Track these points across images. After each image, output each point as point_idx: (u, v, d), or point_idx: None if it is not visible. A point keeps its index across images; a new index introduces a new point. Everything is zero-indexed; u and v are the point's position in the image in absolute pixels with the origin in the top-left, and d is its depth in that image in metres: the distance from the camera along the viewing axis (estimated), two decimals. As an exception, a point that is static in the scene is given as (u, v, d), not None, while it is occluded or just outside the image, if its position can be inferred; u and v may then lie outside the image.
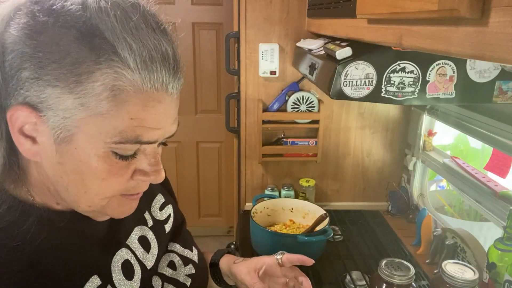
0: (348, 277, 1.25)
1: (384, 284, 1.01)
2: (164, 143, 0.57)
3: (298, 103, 1.66)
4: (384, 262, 1.03)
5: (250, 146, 1.72)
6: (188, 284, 0.72)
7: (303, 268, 1.31)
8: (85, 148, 0.49)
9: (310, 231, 1.33)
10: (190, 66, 2.74)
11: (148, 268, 0.66)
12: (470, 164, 1.37)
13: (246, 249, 1.41)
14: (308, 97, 1.65)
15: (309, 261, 0.82)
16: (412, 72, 0.95)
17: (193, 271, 0.74)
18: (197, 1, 2.61)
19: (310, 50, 1.32)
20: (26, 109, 0.47)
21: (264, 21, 1.58)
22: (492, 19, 0.44)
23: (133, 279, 0.62)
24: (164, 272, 0.70)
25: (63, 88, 0.46)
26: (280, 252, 0.84)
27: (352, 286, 1.21)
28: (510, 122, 1.09)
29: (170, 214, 0.77)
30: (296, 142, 1.70)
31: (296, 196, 1.72)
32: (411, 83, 0.96)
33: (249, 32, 1.59)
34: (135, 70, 0.47)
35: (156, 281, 0.67)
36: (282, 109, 1.67)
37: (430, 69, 0.96)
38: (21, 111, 0.47)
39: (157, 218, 0.73)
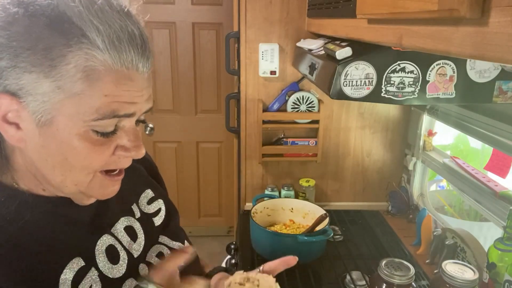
0: (348, 277, 1.25)
1: (384, 284, 1.01)
2: (143, 121, 0.60)
3: (298, 103, 1.66)
4: (384, 262, 1.03)
5: (250, 146, 1.72)
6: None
7: (303, 267, 1.31)
8: (65, 128, 0.51)
9: (310, 231, 1.33)
10: (190, 66, 2.74)
11: (135, 256, 0.69)
12: (470, 164, 1.37)
13: (246, 249, 1.41)
14: (308, 97, 1.65)
15: (293, 260, 0.80)
16: (412, 72, 0.95)
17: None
18: (197, 1, 2.61)
19: (310, 50, 1.32)
20: (7, 97, 0.50)
21: (264, 21, 1.58)
22: (492, 19, 0.44)
23: (119, 264, 0.64)
24: (151, 261, 0.71)
25: (39, 73, 0.49)
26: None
27: (352, 286, 1.21)
28: (510, 122, 1.09)
29: (160, 208, 0.78)
30: (296, 142, 1.70)
31: (296, 196, 1.72)
32: (411, 83, 0.96)
33: (249, 32, 1.59)
34: (104, 50, 0.50)
35: (143, 269, 0.69)
36: (282, 109, 1.67)
37: (430, 69, 0.96)
38: (3, 99, 0.50)
39: (144, 211, 0.75)
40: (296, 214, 1.49)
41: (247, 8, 1.57)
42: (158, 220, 0.77)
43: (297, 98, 1.65)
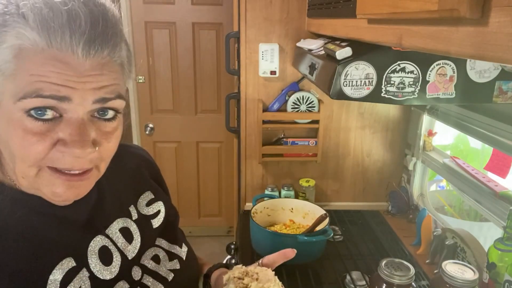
0: (348, 277, 1.25)
1: (384, 284, 1.01)
2: (111, 119, 0.56)
3: (298, 103, 1.66)
4: (384, 262, 1.03)
5: (250, 146, 1.72)
6: (170, 278, 0.71)
7: (303, 267, 1.31)
8: (6, 112, 0.50)
9: (310, 231, 1.33)
10: (190, 66, 2.75)
11: (130, 258, 0.67)
12: (470, 164, 1.37)
13: (246, 249, 1.41)
14: (308, 97, 1.65)
15: (292, 252, 0.80)
16: (412, 72, 0.95)
17: (178, 266, 0.74)
18: (197, 1, 2.61)
19: (310, 50, 1.32)
20: None
21: (264, 21, 1.58)
22: (492, 19, 0.44)
23: (111, 266, 0.63)
24: (146, 264, 0.70)
25: None
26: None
27: (352, 286, 1.21)
28: (510, 122, 1.09)
29: (159, 211, 0.76)
30: (296, 142, 1.70)
31: (296, 196, 1.72)
32: (411, 83, 0.96)
33: (249, 32, 1.59)
34: (34, 29, 0.48)
35: (136, 271, 0.67)
36: (282, 109, 1.67)
37: (430, 69, 0.96)
38: None
39: (142, 212, 0.74)
40: (296, 214, 1.49)
41: (247, 8, 1.57)
42: (156, 222, 0.75)
43: (297, 98, 1.65)
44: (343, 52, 0.95)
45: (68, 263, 0.57)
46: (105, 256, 0.62)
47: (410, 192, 1.70)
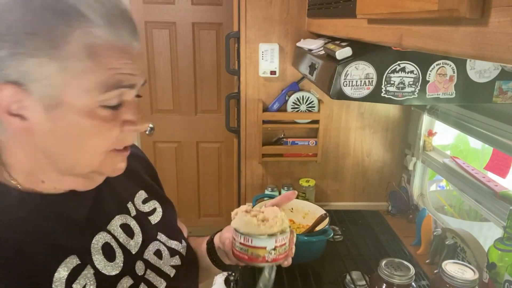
0: (348, 277, 1.25)
1: (384, 284, 1.01)
2: (138, 95, 0.60)
3: (298, 103, 1.66)
4: (384, 262, 1.03)
5: (250, 146, 1.72)
6: (172, 274, 0.72)
7: (303, 267, 1.31)
8: (74, 108, 0.52)
9: (310, 231, 1.33)
10: (190, 66, 2.74)
11: (133, 253, 0.68)
12: (470, 164, 1.37)
13: (246, 249, 1.41)
14: (308, 97, 1.65)
15: (293, 194, 0.84)
16: (412, 72, 0.95)
17: (179, 262, 0.75)
18: (197, 1, 2.61)
19: (310, 50, 1.32)
20: (9, 88, 0.49)
21: (264, 21, 1.58)
22: (492, 19, 0.44)
23: (115, 261, 0.63)
24: (149, 259, 0.70)
25: (42, 56, 0.48)
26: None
27: (352, 286, 1.21)
28: (510, 122, 1.09)
29: (155, 208, 0.78)
30: (296, 142, 1.70)
31: (296, 196, 1.71)
32: (411, 83, 0.96)
33: (249, 32, 1.59)
34: (102, 26, 0.51)
35: (139, 266, 0.68)
36: (282, 109, 1.67)
37: (430, 69, 0.96)
38: (4, 91, 0.49)
39: (140, 209, 0.75)
40: (296, 214, 1.49)
41: (247, 8, 1.57)
42: (154, 219, 0.76)
43: (297, 98, 1.65)
44: (343, 52, 0.95)
45: (73, 260, 0.57)
46: (108, 252, 0.63)
47: (410, 192, 1.70)
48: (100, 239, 0.62)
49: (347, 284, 1.23)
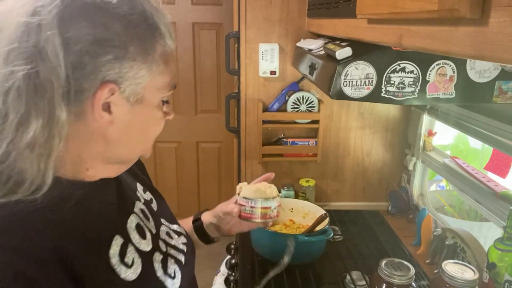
0: (348, 277, 1.25)
1: (384, 284, 1.01)
2: None
3: (298, 103, 1.66)
4: (384, 262, 1.03)
5: (250, 146, 1.72)
6: (185, 250, 0.81)
7: (303, 267, 1.31)
8: (150, 103, 0.64)
9: (310, 231, 1.33)
10: (190, 66, 2.74)
11: (154, 233, 0.75)
12: (470, 164, 1.37)
13: (246, 249, 1.41)
14: (308, 97, 1.65)
15: (271, 175, 1.04)
16: (412, 72, 0.95)
17: (185, 240, 0.84)
18: (197, 1, 2.61)
19: (310, 50, 1.32)
20: (109, 86, 0.57)
21: (264, 21, 1.58)
22: (492, 19, 0.44)
23: (146, 239, 0.71)
24: (165, 239, 0.78)
25: (139, 61, 0.59)
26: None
27: (352, 286, 1.21)
28: (510, 122, 1.09)
29: (152, 198, 0.84)
30: (296, 142, 1.70)
31: (296, 196, 1.72)
32: (411, 83, 0.96)
33: (249, 32, 1.59)
34: (169, 39, 0.64)
35: (161, 244, 0.75)
36: (282, 109, 1.67)
37: (430, 69, 0.96)
38: (104, 89, 0.57)
39: (144, 198, 0.81)
40: (296, 214, 1.49)
41: (247, 8, 1.57)
42: (154, 207, 0.82)
43: (297, 98, 1.65)
44: (343, 52, 0.95)
45: (118, 239, 0.64)
46: (140, 231, 0.70)
47: (410, 192, 1.70)
48: (132, 220, 0.70)
49: (347, 284, 1.23)
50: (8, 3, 0.54)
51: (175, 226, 0.85)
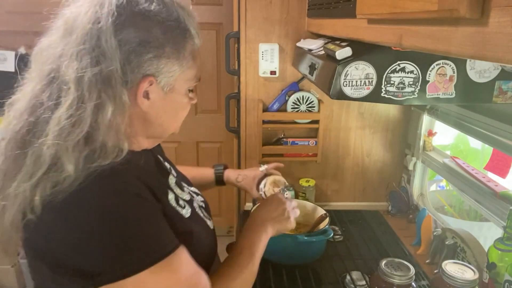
0: (348, 277, 1.25)
1: (384, 284, 1.01)
2: None
3: (298, 103, 1.66)
4: (384, 262, 1.04)
5: (250, 146, 1.72)
6: (204, 206, 0.96)
7: (303, 267, 1.31)
8: (179, 91, 0.78)
9: (310, 231, 1.33)
10: (190, 66, 2.74)
11: (184, 189, 0.90)
12: (470, 164, 1.37)
13: (246, 249, 1.41)
14: (308, 97, 1.65)
15: (280, 164, 1.32)
16: (412, 72, 0.95)
17: (202, 199, 0.99)
18: (197, 1, 2.61)
19: (310, 50, 1.32)
20: (147, 79, 0.71)
21: (264, 21, 1.58)
22: (492, 19, 0.44)
23: (184, 191, 0.88)
24: (191, 192, 0.93)
25: (173, 59, 0.74)
26: (261, 164, 1.30)
27: (352, 286, 1.21)
28: (510, 122, 1.09)
29: (170, 168, 0.96)
30: (296, 142, 1.70)
31: (296, 196, 1.72)
32: (411, 83, 0.96)
33: (249, 32, 1.59)
34: (197, 38, 0.78)
35: (193, 194, 0.92)
36: (282, 109, 1.67)
37: (430, 69, 0.96)
38: (145, 82, 0.71)
39: (166, 165, 0.95)
40: (296, 214, 1.48)
41: (247, 8, 1.57)
42: (174, 173, 0.93)
43: (297, 98, 1.65)
44: (343, 52, 0.95)
45: (171, 193, 0.81)
46: (179, 186, 0.87)
47: (410, 192, 1.70)
48: (172, 178, 0.87)
49: (347, 284, 1.23)
50: (73, 11, 0.69)
51: (193, 188, 1.00)
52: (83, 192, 0.63)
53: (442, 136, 1.74)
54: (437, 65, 0.95)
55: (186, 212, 0.81)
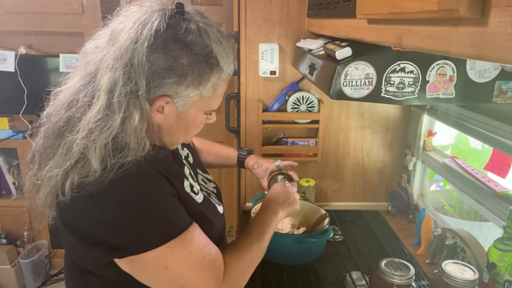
0: (348, 277, 1.25)
1: (384, 284, 1.01)
2: None
3: (298, 103, 1.66)
4: (384, 262, 1.04)
5: (250, 146, 1.72)
6: (215, 192, 1.06)
7: (304, 268, 1.31)
8: (194, 114, 0.85)
9: (310, 231, 1.33)
10: (190, 66, 2.74)
11: (197, 179, 1.01)
12: (470, 164, 1.37)
13: (246, 249, 1.41)
14: (308, 97, 1.65)
15: (294, 163, 1.35)
16: (412, 72, 0.95)
17: (214, 185, 1.09)
18: (197, 1, 2.61)
19: (310, 50, 1.32)
20: (165, 98, 0.79)
21: (264, 21, 1.58)
22: (492, 19, 0.44)
23: (197, 181, 1.00)
24: (202, 184, 1.02)
25: (192, 87, 0.80)
26: (278, 159, 1.31)
27: (352, 286, 1.21)
28: (510, 122, 1.09)
29: (188, 154, 1.08)
30: (296, 142, 1.70)
31: (296, 196, 1.71)
32: (411, 83, 0.96)
33: (249, 32, 1.59)
34: (226, 72, 0.84)
35: (202, 187, 1.00)
36: (282, 109, 1.67)
37: (430, 69, 0.96)
38: (162, 100, 0.79)
39: (183, 154, 1.06)
40: (296, 214, 1.48)
41: (247, 8, 1.57)
42: (190, 160, 1.07)
43: (297, 98, 1.65)
44: (343, 52, 0.95)
45: (186, 182, 0.91)
46: (192, 176, 0.97)
47: (410, 192, 1.70)
48: (186, 169, 0.97)
49: (347, 284, 1.23)
50: (121, 21, 0.78)
51: (206, 175, 1.10)
52: (113, 183, 0.73)
53: (442, 136, 1.74)
54: (437, 65, 0.95)
55: (199, 198, 0.91)
